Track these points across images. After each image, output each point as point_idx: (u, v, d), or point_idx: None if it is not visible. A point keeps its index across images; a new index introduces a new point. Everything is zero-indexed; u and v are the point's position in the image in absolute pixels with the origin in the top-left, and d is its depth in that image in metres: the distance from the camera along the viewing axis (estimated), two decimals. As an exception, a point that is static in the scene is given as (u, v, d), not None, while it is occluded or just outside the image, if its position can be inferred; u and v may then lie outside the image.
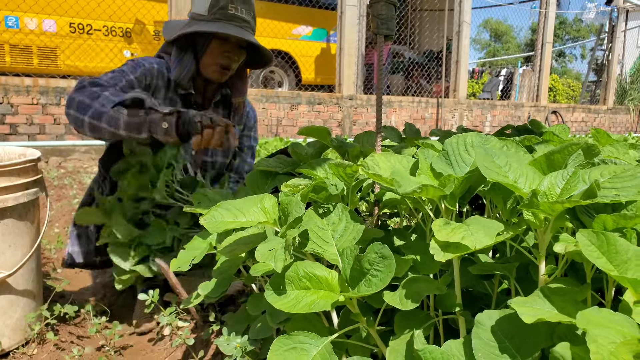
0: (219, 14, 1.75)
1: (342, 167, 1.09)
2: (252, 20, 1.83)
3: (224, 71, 1.84)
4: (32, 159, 1.49)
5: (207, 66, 1.83)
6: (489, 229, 0.77)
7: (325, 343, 0.88)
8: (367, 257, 0.86)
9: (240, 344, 1.13)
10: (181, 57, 1.80)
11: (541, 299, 0.71)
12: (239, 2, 1.78)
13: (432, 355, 0.75)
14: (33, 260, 1.52)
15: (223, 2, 1.75)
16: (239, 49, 1.84)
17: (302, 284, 0.92)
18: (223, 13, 1.75)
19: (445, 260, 0.75)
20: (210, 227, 1.02)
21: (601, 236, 0.65)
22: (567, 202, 0.67)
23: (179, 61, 1.80)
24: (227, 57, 1.81)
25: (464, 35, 7.42)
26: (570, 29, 30.63)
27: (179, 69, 1.80)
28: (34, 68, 5.46)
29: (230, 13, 1.76)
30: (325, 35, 7.57)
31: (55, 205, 3.34)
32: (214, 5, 1.75)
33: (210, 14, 1.76)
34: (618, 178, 0.78)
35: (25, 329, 1.49)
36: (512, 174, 0.82)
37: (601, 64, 10.22)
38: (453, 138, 0.94)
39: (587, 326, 0.57)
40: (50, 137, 4.98)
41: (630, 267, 0.65)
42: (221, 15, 1.75)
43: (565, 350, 0.57)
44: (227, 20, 1.76)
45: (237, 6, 1.77)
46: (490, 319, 0.77)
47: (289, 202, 1.02)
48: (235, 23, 1.77)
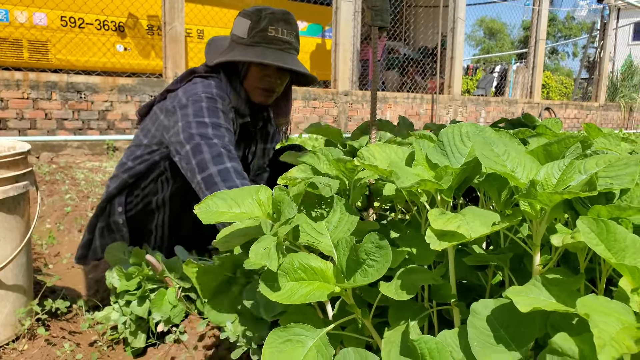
0: (258, 37, 1.67)
1: (342, 162, 1.08)
2: (294, 41, 1.74)
3: (269, 94, 1.76)
4: (21, 151, 1.47)
5: (251, 91, 1.76)
6: (484, 219, 0.76)
7: (320, 334, 0.87)
8: (363, 247, 0.86)
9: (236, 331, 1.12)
10: (231, 84, 1.74)
11: (537, 288, 0.71)
12: (280, 23, 1.68)
13: (428, 346, 0.75)
14: (23, 254, 1.50)
15: (263, 23, 1.66)
16: (281, 71, 1.76)
17: (297, 276, 0.91)
18: (263, 36, 1.66)
19: (441, 249, 0.75)
20: (204, 217, 1.01)
21: (601, 224, 0.65)
22: (566, 194, 0.67)
23: (231, 88, 1.74)
24: (268, 82, 1.74)
25: (459, 32, 7.42)
26: (562, 27, 30.78)
27: (235, 96, 1.73)
28: (24, 62, 5.40)
29: (270, 35, 1.66)
30: (320, 30, 7.54)
31: (47, 201, 3.31)
32: (253, 28, 1.67)
33: (250, 36, 1.67)
34: (612, 167, 0.78)
35: (16, 325, 1.48)
36: (510, 163, 0.81)
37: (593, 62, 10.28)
38: (449, 128, 0.93)
39: (588, 312, 0.57)
40: (41, 132, 4.93)
41: (628, 254, 0.65)
42: (261, 39, 1.66)
43: (564, 341, 0.57)
44: (267, 43, 1.67)
45: (278, 27, 1.68)
46: (485, 308, 0.76)
47: (282, 201, 1.01)
48: (276, 46, 1.68)
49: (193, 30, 6.28)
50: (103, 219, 1.82)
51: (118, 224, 1.79)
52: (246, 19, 1.69)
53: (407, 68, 8.72)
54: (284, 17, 1.69)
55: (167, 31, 5.40)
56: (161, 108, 1.75)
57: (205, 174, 1.51)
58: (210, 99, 1.62)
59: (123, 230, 1.79)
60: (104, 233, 1.84)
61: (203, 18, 6.25)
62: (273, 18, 1.67)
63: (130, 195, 1.75)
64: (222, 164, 1.51)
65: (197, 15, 6.21)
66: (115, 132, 5.22)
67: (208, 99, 1.61)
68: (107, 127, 5.20)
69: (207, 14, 6.27)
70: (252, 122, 1.85)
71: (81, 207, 3.13)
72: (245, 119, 1.78)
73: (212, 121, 1.59)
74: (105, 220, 1.82)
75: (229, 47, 1.72)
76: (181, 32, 5.46)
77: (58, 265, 2.31)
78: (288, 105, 1.94)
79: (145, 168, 1.73)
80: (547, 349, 0.58)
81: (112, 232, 1.83)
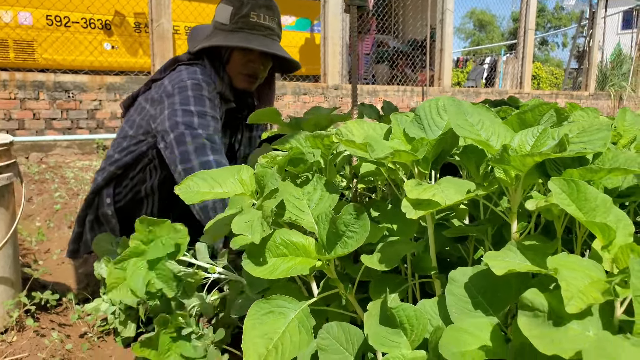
0: (240, 23, 1.67)
1: (319, 137, 1.09)
2: (276, 27, 1.74)
3: (252, 80, 1.77)
4: (3, 142, 1.46)
5: (234, 77, 1.77)
6: (459, 187, 0.77)
7: (303, 307, 0.88)
8: (342, 218, 0.86)
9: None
10: (215, 69, 1.74)
11: (512, 252, 0.72)
12: (262, 9, 1.69)
13: (406, 313, 0.76)
14: (9, 246, 1.50)
15: (245, 9, 1.67)
16: (264, 57, 1.76)
17: (279, 252, 0.92)
18: (245, 22, 1.67)
19: (417, 217, 0.75)
20: (186, 197, 1.01)
21: (572, 184, 0.66)
22: (537, 156, 0.68)
23: (215, 73, 1.73)
24: (251, 67, 1.75)
25: (448, 23, 7.43)
26: (552, 17, 30.91)
27: (219, 82, 1.73)
28: (10, 62, 5.35)
29: (253, 21, 1.67)
30: (309, 25, 7.53)
31: (37, 200, 3.29)
32: (235, 14, 1.67)
33: (232, 22, 1.68)
34: (585, 132, 0.79)
35: (4, 317, 1.47)
36: (484, 132, 0.82)
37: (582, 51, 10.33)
38: (425, 102, 0.94)
39: (557, 267, 0.58)
40: (30, 132, 4.89)
41: (599, 213, 0.66)
42: (243, 24, 1.67)
43: (535, 296, 0.58)
44: (250, 29, 1.68)
45: (260, 13, 1.68)
46: (463, 276, 0.78)
47: (264, 174, 1.01)
48: (258, 32, 1.69)
49: (181, 27, 6.26)
50: (92, 212, 1.82)
51: (107, 216, 1.79)
52: (228, 5, 1.69)
53: (397, 61, 8.73)
54: (266, 3, 1.70)
55: (154, 28, 5.37)
56: (146, 98, 1.74)
57: (187, 165, 1.51)
58: (196, 85, 1.62)
59: (112, 221, 1.79)
60: (93, 226, 1.83)
61: (190, 14, 6.23)
62: (255, 4, 1.67)
63: (119, 186, 1.75)
64: (205, 156, 1.52)
65: (184, 12, 6.18)
66: (104, 131, 5.19)
67: (194, 86, 1.61)
68: (96, 126, 5.18)
69: (194, 10, 6.24)
70: (237, 109, 1.85)
71: (71, 205, 3.12)
72: (230, 105, 1.77)
73: (198, 109, 1.58)
74: (94, 213, 1.81)
75: (211, 34, 1.73)
76: (168, 29, 5.44)
77: (48, 261, 2.31)
78: (271, 92, 1.94)
79: (132, 159, 1.73)
80: (519, 304, 0.59)
81: (101, 225, 1.82)
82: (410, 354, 0.73)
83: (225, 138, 1.85)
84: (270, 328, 0.85)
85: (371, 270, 1.03)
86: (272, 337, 0.84)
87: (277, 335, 0.84)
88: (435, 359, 0.67)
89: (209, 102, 1.62)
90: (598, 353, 0.46)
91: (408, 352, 0.74)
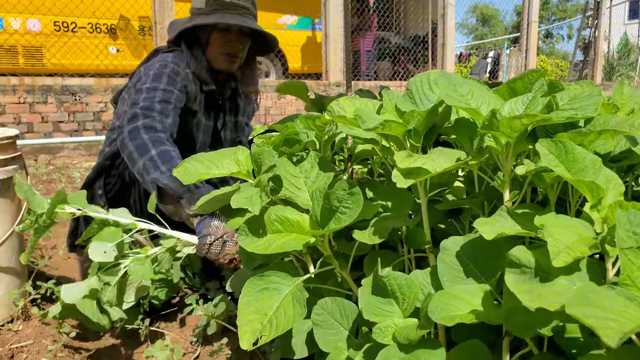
0: (216, 5, 1.72)
1: (311, 119, 1.09)
2: (251, 7, 1.79)
3: (232, 59, 1.80)
4: (9, 135, 1.48)
5: (214, 58, 1.80)
6: (450, 155, 0.77)
7: (297, 282, 0.88)
8: (335, 194, 0.87)
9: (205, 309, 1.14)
10: (191, 52, 1.78)
11: (503, 218, 0.72)
12: None
13: (397, 282, 0.76)
14: (15, 237, 1.52)
15: None
16: (242, 36, 1.81)
17: (274, 228, 0.92)
18: (220, 3, 1.72)
19: (407, 186, 0.75)
20: (184, 178, 1.02)
21: (559, 145, 0.65)
22: (525, 118, 0.68)
23: (192, 55, 1.78)
24: (230, 46, 1.79)
25: (449, 18, 7.40)
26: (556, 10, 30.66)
27: (194, 63, 1.77)
28: (20, 68, 5.42)
29: (228, 2, 1.72)
30: (310, 23, 7.53)
31: (44, 199, 3.34)
32: None
33: (208, 5, 1.73)
34: (576, 99, 0.78)
35: (10, 306, 1.49)
36: (474, 101, 0.82)
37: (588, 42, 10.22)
38: (417, 77, 0.94)
39: (545, 224, 0.57)
40: (38, 135, 4.95)
41: (588, 174, 0.65)
42: (219, 6, 1.72)
43: (521, 253, 0.57)
44: (225, 9, 1.72)
45: None
46: (455, 245, 0.78)
47: (261, 152, 1.02)
48: (234, 11, 1.73)
49: (184, 28, 6.29)
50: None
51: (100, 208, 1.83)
52: None
53: (399, 57, 8.70)
54: None
55: (158, 31, 5.41)
56: (127, 88, 1.80)
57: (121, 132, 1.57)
58: (162, 64, 1.68)
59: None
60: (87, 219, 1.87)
61: (194, 16, 6.25)
62: None
63: (108, 177, 1.80)
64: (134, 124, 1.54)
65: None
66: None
67: (160, 66, 1.68)
68: (102, 127, 5.22)
69: (198, 12, 6.27)
70: (218, 91, 1.88)
71: (78, 203, 3.15)
72: (209, 87, 1.81)
73: (150, 86, 1.63)
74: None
75: (188, 19, 1.78)
76: (172, 30, 5.46)
77: (54, 256, 2.33)
78: (253, 73, 1.98)
79: (117, 147, 1.76)
80: (506, 262, 0.58)
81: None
82: (402, 322, 0.73)
83: (209, 121, 1.90)
84: (264, 304, 0.86)
85: (366, 248, 1.03)
86: (267, 313, 0.85)
87: (271, 311, 0.85)
88: (427, 324, 0.67)
89: (168, 78, 1.66)
90: (580, 301, 0.46)
91: (400, 320, 0.74)
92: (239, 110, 2.00)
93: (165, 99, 1.62)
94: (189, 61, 1.76)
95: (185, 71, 1.73)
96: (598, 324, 0.41)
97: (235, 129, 2.02)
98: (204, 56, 1.79)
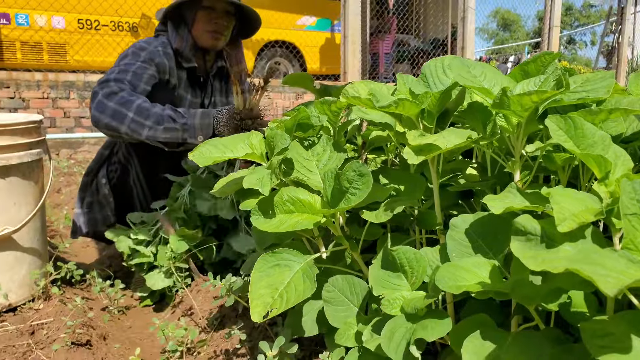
0: None
1: (327, 103, 1.11)
2: None
3: (217, 35, 1.88)
4: (34, 120, 1.53)
5: (199, 35, 1.88)
6: (461, 134, 0.78)
7: (307, 260, 0.90)
8: (345, 175, 0.88)
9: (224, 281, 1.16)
10: (177, 31, 1.86)
11: (512, 194, 0.73)
12: None
13: (406, 256, 0.77)
14: (37, 219, 1.56)
15: None
16: (227, 14, 1.89)
17: (286, 208, 0.94)
18: None
19: (419, 162, 0.77)
20: (199, 161, 1.05)
21: (568, 120, 0.66)
22: (534, 94, 0.69)
23: (177, 34, 1.86)
24: (215, 24, 1.87)
25: (469, 21, 7.36)
26: (580, 15, 30.25)
27: (179, 40, 1.86)
28: (44, 64, 5.56)
29: None
30: (329, 25, 7.57)
31: (65, 191, 3.42)
32: None
33: None
34: (589, 81, 0.79)
35: (32, 286, 1.54)
36: (486, 83, 0.83)
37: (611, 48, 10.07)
38: (431, 61, 0.96)
39: (551, 193, 0.58)
40: (60, 130, 5.06)
41: (597, 150, 0.66)
42: None
43: (527, 221, 0.58)
44: None
45: None
46: (464, 222, 0.79)
47: (274, 135, 1.04)
48: None
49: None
50: (89, 195, 1.94)
51: (106, 197, 1.90)
52: None
53: (418, 60, 8.69)
54: None
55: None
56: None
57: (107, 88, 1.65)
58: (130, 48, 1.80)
59: (110, 201, 1.90)
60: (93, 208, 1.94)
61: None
62: None
63: (110, 165, 1.88)
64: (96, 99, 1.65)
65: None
66: (131, 129, 5.32)
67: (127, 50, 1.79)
68: (123, 123, 5.31)
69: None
70: (202, 69, 1.97)
71: (97, 195, 3.22)
72: (190, 64, 1.89)
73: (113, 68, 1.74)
74: (92, 196, 1.93)
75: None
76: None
77: (74, 244, 2.38)
78: (239, 53, 2.05)
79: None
80: (512, 230, 0.60)
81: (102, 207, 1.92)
82: (410, 295, 0.75)
83: (196, 98, 1.98)
84: (276, 279, 0.88)
85: (377, 233, 1.05)
86: (278, 288, 0.87)
87: (282, 285, 0.87)
88: (434, 294, 0.68)
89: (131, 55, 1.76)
90: (583, 259, 0.47)
91: (408, 293, 0.76)
92: (230, 91, 2.07)
93: (124, 69, 1.70)
94: (174, 39, 1.84)
95: (155, 48, 1.81)
96: (598, 277, 0.42)
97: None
98: (190, 34, 1.87)
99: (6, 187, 1.45)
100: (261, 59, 7.03)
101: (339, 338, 0.85)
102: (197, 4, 1.83)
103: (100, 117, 1.60)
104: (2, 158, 1.42)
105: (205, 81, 2.01)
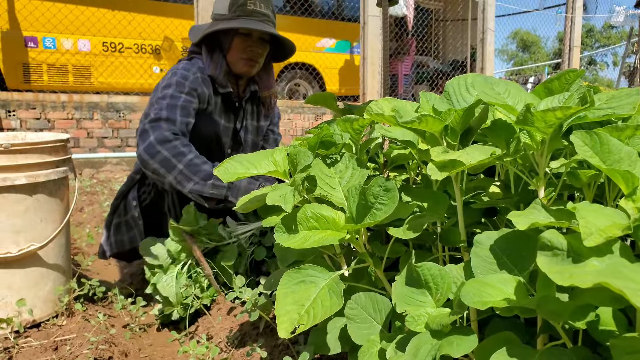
0: (238, 11, 1.84)
1: (349, 121, 1.13)
2: (271, 14, 1.91)
3: (252, 63, 1.91)
4: (61, 138, 1.58)
5: (234, 62, 1.91)
6: (484, 150, 0.79)
7: (333, 276, 0.90)
8: (371, 190, 0.89)
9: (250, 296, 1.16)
10: (211, 56, 1.89)
11: (536, 210, 0.72)
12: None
13: (431, 272, 0.77)
14: (63, 235, 1.60)
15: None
16: (262, 42, 1.92)
17: (310, 224, 0.95)
18: (242, 9, 1.84)
19: (442, 178, 0.77)
20: (223, 176, 1.07)
21: (594, 136, 0.66)
22: (558, 110, 0.69)
23: (211, 59, 1.89)
24: (251, 51, 1.89)
25: (488, 42, 7.40)
26: (600, 36, 30.07)
27: (213, 67, 1.88)
28: (69, 86, 5.73)
29: (250, 9, 1.84)
30: (348, 47, 7.67)
31: (87, 209, 3.48)
32: (233, 4, 1.85)
33: (231, 12, 1.85)
34: (614, 98, 0.79)
35: (55, 302, 1.56)
36: (510, 99, 0.83)
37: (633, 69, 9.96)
38: (454, 79, 0.96)
39: (577, 208, 0.58)
40: (83, 150, 5.19)
41: (623, 166, 0.65)
42: (241, 12, 1.84)
43: (553, 236, 0.58)
44: (247, 16, 1.84)
45: (256, 1, 1.85)
46: (489, 239, 0.78)
47: (297, 153, 1.06)
48: (255, 18, 1.85)
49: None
50: (117, 217, 1.96)
51: (135, 218, 1.91)
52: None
53: (437, 81, 8.72)
54: None
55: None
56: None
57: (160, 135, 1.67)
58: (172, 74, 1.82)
59: (139, 223, 1.91)
60: (119, 229, 1.96)
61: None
62: None
63: (143, 187, 1.91)
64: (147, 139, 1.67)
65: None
66: (152, 149, 5.42)
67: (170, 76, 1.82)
68: (145, 144, 5.41)
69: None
70: (235, 94, 1.98)
71: (119, 213, 3.27)
72: (226, 89, 1.91)
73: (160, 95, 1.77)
74: (120, 218, 1.95)
75: (211, 24, 1.88)
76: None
77: (96, 262, 2.41)
78: (270, 78, 2.07)
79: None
80: (538, 245, 0.59)
81: (130, 228, 1.94)
82: (435, 312, 0.74)
83: (229, 122, 2.00)
84: (302, 296, 0.88)
85: (400, 251, 1.04)
86: (304, 304, 0.87)
87: (308, 302, 0.87)
88: (459, 310, 0.68)
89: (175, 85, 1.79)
90: (613, 274, 0.46)
91: (433, 310, 0.75)
92: (261, 115, 2.10)
93: (173, 104, 1.73)
94: (208, 65, 1.87)
95: (195, 75, 1.83)
96: (630, 292, 0.42)
97: (256, 132, 2.12)
98: (225, 60, 1.89)
99: (33, 204, 1.49)
100: (281, 80, 7.14)
101: (362, 356, 0.85)
102: (234, 30, 1.86)
103: (150, 162, 1.63)
104: (30, 175, 1.47)
105: (239, 106, 2.03)
